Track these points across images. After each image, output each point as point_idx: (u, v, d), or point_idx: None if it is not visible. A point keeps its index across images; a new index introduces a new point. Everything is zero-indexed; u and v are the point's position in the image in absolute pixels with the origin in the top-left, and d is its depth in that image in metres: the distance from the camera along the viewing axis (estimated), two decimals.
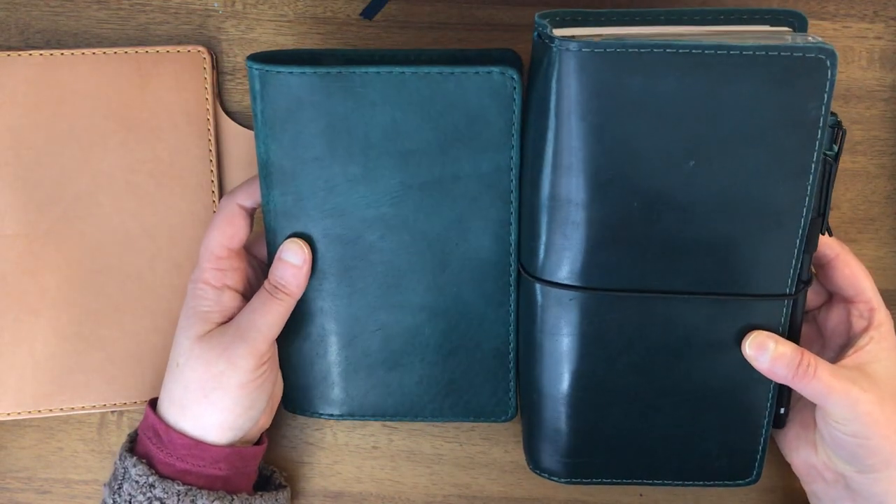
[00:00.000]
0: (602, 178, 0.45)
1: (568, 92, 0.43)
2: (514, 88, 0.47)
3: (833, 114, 0.46)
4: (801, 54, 0.42)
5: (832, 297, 0.53)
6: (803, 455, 0.52)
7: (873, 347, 0.49)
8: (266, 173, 0.49)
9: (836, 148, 0.47)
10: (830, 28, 0.58)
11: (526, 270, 0.49)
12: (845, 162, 0.58)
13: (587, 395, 0.50)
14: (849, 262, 0.51)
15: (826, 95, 0.43)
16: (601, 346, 0.49)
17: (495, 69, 0.47)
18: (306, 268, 0.50)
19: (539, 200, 0.47)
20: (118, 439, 0.57)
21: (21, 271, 0.55)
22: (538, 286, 0.48)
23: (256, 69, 0.47)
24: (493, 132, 0.48)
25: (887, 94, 0.58)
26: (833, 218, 0.58)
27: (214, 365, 0.48)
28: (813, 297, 0.53)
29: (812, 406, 0.51)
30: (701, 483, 0.53)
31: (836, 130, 0.47)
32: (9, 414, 0.55)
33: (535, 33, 0.45)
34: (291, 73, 0.46)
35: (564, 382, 0.50)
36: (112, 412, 0.57)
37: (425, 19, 0.57)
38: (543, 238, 0.47)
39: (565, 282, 0.48)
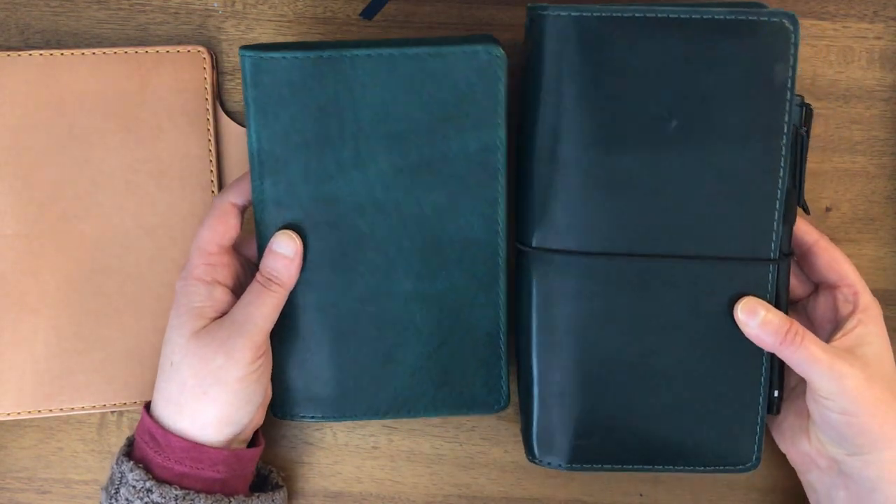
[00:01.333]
0: (593, 138, 0.48)
1: (559, 54, 0.48)
2: (499, 66, 0.49)
3: (799, 95, 0.50)
4: (766, 19, 0.47)
5: (818, 286, 0.54)
6: (798, 444, 0.52)
7: (861, 330, 0.50)
8: (258, 162, 0.49)
9: (805, 130, 0.51)
10: (830, 28, 0.58)
11: (521, 243, 0.51)
12: (845, 162, 0.58)
13: (583, 370, 0.51)
14: (827, 247, 0.52)
15: (791, 57, 0.48)
16: (595, 316, 0.50)
17: (480, 47, 0.48)
18: (298, 259, 0.50)
19: (532, 166, 0.49)
20: (118, 439, 0.57)
21: (21, 271, 0.55)
22: (532, 256, 0.50)
23: (249, 56, 0.48)
24: (481, 110, 0.49)
25: (887, 94, 0.58)
26: (833, 218, 0.58)
27: (212, 360, 0.48)
28: (799, 286, 0.54)
29: (805, 394, 0.51)
30: (701, 469, 0.52)
31: (804, 110, 0.51)
32: (9, 414, 0.55)
33: (528, 18, 0.49)
34: (284, 57, 0.48)
35: (559, 356, 0.51)
36: (112, 412, 0.57)
37: (425, 19, 0.57)
38: (537, 204, 0.50)
39: (559, 247, 0.49)
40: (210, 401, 0.48)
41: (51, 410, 0.55)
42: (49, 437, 0.57)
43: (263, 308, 0.49)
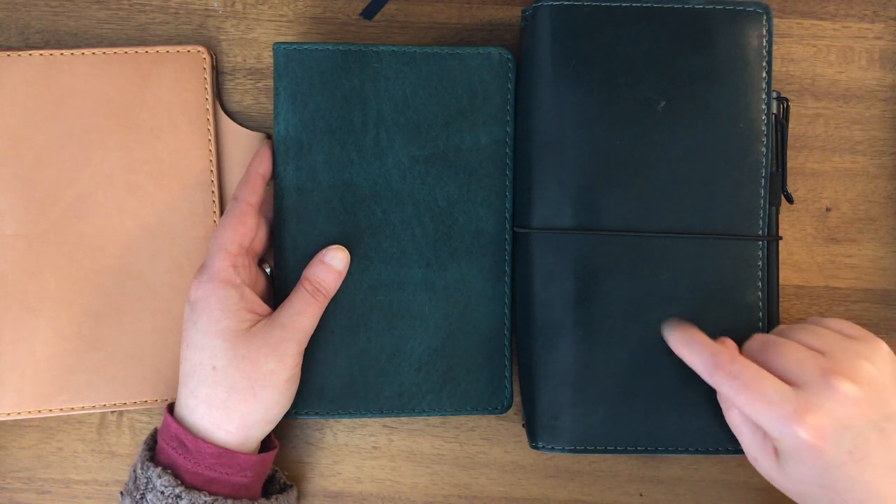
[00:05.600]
0: (586, 117, 0.51)
1: (554, 41, 0.51)
2: (510, 67, 0.54)
3: (776, 90, 0.54)
4: (742, 8, 0.52)
5: None
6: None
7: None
8: (284, 148, 0.53)
9: (784, 121, 0.54)
10: (830, 28, 0.58)
11: (520, 226, 0.53)
12: (845, 162, 0.58)
13: (583, 349, 0.52)
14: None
15: (767, 43, 0.52)
16: (594, 293, 0.51)
17: (493, 49, 0.54)
18: (346, 272, 0.52)
19: (531, 149, 0.52)
20: (118, 439, 0.57)
21: (21, 271, 0.55)
22: (532, 236, 0.52)
23: (283, 48, 0.52)
24: (491, 106, 0.54)
25: (887, 94, 0.58)
26: (833, 218, 0.58)
27: (264, 364, 0.49)
28: None
29: None
30: (703, 451, 0.52)
31: (781, 103, 0.54)
32: (9, 414, 0.55)
33: (522, 19, 0.53)
34: (317, 48, 0.52)
35: (560, 335, 0.52)
36: (112, 412, 0.57)
37: (425, 19, 0.57)
38: (535, 184, 0.52)
39: (558, 226, 0.51)
40: (259, 402, 0.49)
41: (51, 410, 0.55)
42: (49, 437, 0.57)
43: (311, 316, 0.51)
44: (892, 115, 0.58)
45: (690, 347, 0.49)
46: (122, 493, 0.50)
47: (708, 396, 0.52)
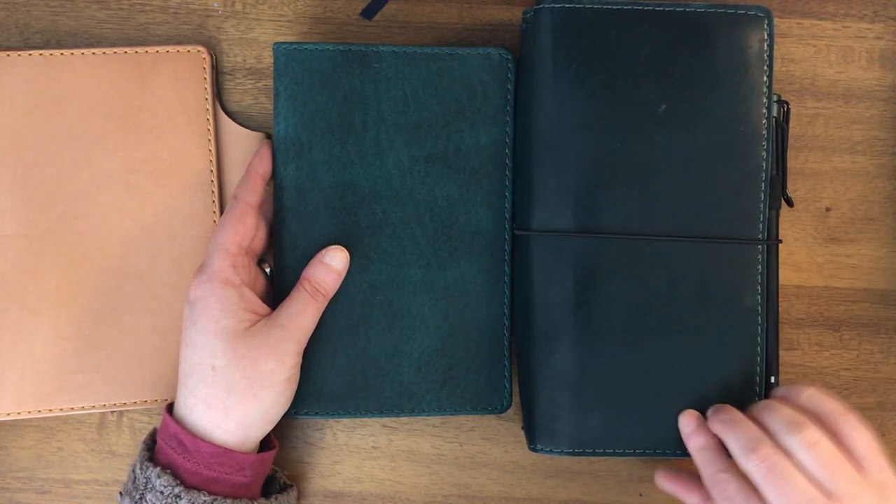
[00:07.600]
0: (587, 120, 0.51)
1: (555, 44, 0.51)
2: (510, 68, 0.54)
3: (777, 93, 0.54)
4: (743, 12, 0.52)
5: None
6: None
7: None
8: (284, 148, 0.52)
9: (784, 123, 0.55)
10: (830, 28, 0.58)
11: (520, 228, 0.53)
12: (845, 162, 0.58)
13: (582, 351, 0.52)
14: None
15: (767, 46, 0.52)
16: (593, 295, 0.51)
17: (493, 50, 0.54)
18: (345, 272, 0.52)
19: (531, 151, 0.52)
20: (118, 439, 0.57)
21: (21, 271, 0.55)
22: (532, 238, 0.52)
23: (283, 48, 0.52)
24: (491, 107, 0.54)
25: (887, 94, 0.58)
26: (833, 218, 0.58)
27: (263, 364, 0.49)
28: None
29: None
30: None
31: (782, 106, 0.54)
32: (9, 414, 0.55)
33: (523, 21, 0.53)
34: (317, 48, 0.52)
35: (559, 338, 0.52)
36: (112, 412, 0.57)
37: (425, 19, 0.57)
38: (535, 187, 0.52)
39: (557, 228, 0.51)
40: (258, 402, 0.49)
41: (51, 410, 0.55)
42: (49, 437, 0.57)
43: (311, 316, 0.51)
44: (892, 115, 0.58)
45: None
46: (121, 493, 0.50)
47: (706, 399, 0.52)
